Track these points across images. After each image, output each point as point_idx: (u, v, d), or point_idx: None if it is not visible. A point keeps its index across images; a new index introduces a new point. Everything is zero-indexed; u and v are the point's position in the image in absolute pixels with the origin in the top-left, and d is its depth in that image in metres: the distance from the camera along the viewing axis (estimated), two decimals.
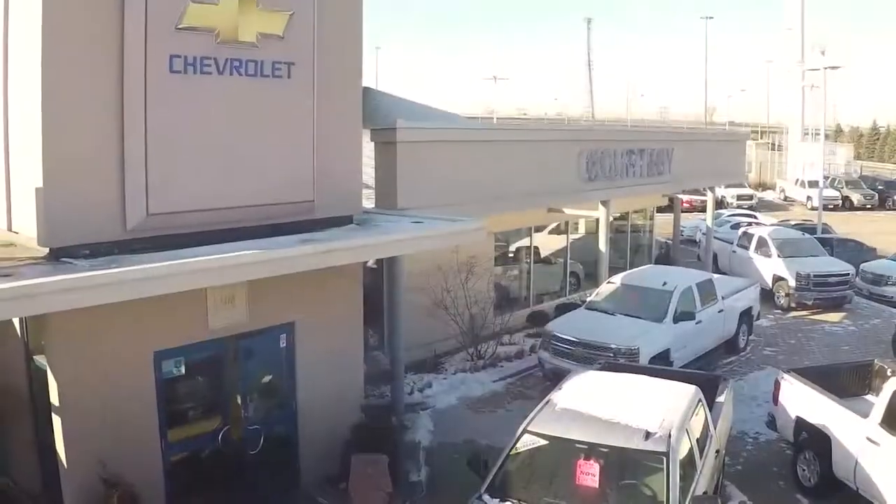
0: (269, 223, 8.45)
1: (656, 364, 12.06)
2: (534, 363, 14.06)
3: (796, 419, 10.09)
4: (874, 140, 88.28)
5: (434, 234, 9.75)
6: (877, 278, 21.03)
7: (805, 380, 10.22)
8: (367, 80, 10.25)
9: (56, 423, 7.55)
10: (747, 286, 16.69)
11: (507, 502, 7.18)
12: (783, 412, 10.39)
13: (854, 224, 35.65)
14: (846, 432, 9.20)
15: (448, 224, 9.96)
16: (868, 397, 10.38)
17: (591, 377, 9.15)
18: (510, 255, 17.84)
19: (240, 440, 8.79)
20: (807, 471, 9.84)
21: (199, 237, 7.76)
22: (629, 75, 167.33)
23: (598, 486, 7.09)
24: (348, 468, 8.99)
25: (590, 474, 7.11)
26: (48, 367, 7.55)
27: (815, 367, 12.14)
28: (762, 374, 14.13)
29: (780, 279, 19.86)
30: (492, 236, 15.50)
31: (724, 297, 15.12)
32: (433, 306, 13.76)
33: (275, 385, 9.39)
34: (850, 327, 18.09)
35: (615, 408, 7.75)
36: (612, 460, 7.23)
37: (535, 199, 15.43)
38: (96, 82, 7.22)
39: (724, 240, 23.75)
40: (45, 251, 7.12)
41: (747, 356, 15.66)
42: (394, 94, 20.40)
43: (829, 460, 9.40)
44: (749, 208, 39.86)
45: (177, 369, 8.21)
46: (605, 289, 14.86)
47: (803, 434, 10.00)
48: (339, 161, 9.25)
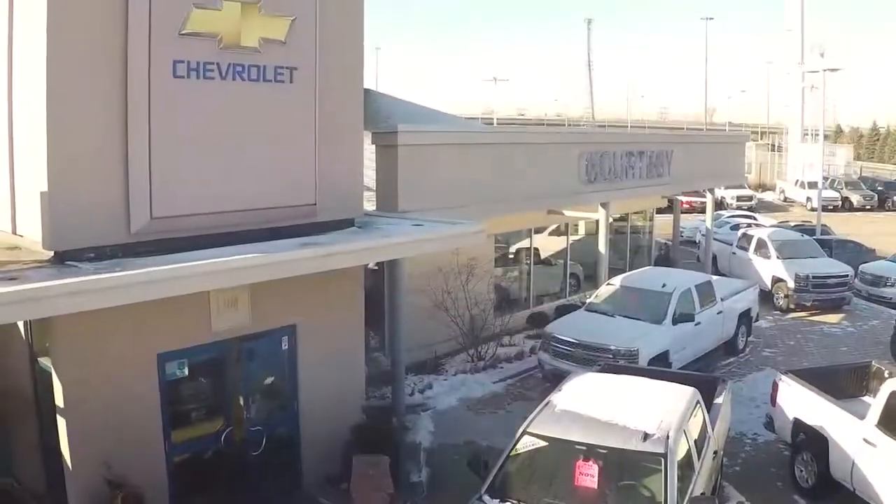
0: (271, 226, 8.51)
1: (656, 365, 12.11)
2: (534, 364, 14.11)
3: (794, 420, 10.14)
4: (874, 141, 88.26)
5: (435, 237, 9.81)
6: (876, 279, 21.05)
7: (803, 381, 10.26)
8: (367, 80, 10.28)
9: (61, 424, 7.61)
10: (746, 288, 16.74)
11: (507, 503, 7.23)
12: (781, 413, 10.44)
13: (853, 225, 35.64)
14: (843, 434, 9.25)
15: (448, 227, 10.02)
16: (866, 399, 10.40)
17: (590, 379, 9.20)
18: (510, 257, 17.87)
19: (242, 441, 8.85)
20: (804, 472, 9.89)
21: (203, 240, 7.82)
22: (629, 76, 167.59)
23: (596, 486, 7.15)
24: (350, 469, 9.04)
25: (589, 475, 7.17)
26: (53, 370, 7.60)
27: (813, 368, 12.20)
28: (761, 376, 14.17)
29: (779, 280, 19.88)
30: (492, 238, 15.53)
31: (723, 299, 15.17)
32: (434, 308, 13.79)
33: (277, 387, 9.45)
34: (848, 328, 18.11)
35: (614, 409, 7.81)
36: (610, 461, 7.28)
37: (535, 201, 15.48)
38: (100, 87, 7.27)
39: (723, 241, 23.73)
40: (49, 254, 7.18)
41: (746, 357, 15.70)
42: (394, 95, 20.44)
43: (827, 461, 9.45)
44: (749, 209, 39.88)
45: (180, 371, 8.27)
46: (604, 290, 14.91)
47: (801, 435, 10.04)
48: (341, 165, 9.33)
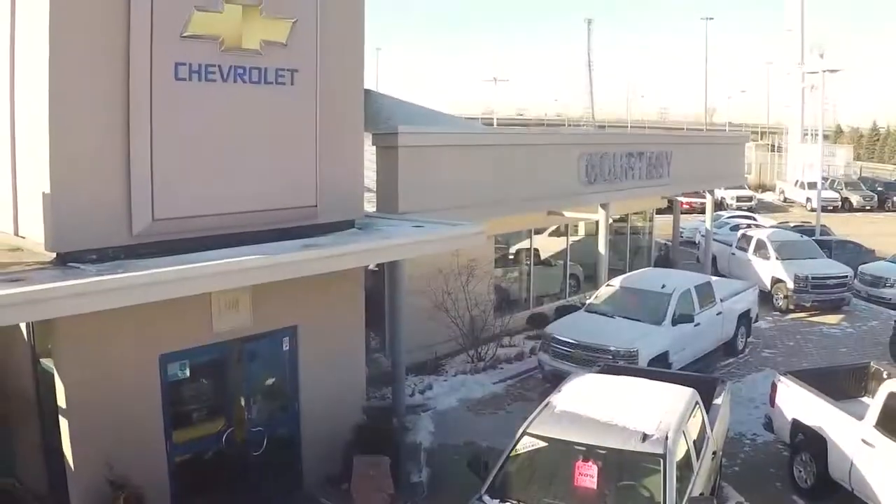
0: (272, 228, 8.54)
1: (655, 366, 12.14)
2: (534, 365, 14.14)
3: (793, 421, 10.17)
4: (874, 141, 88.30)
5: (435, 238, 9.86)
6: (875, 280, 21.08)
7: (801, 382, 10.30)
8: (367, 81, 10.32)
9: (63, 425, 7.64)
10: (746, 289, 16.77)
11: (507, 503, 7.27)
12: (780, 414, 10.47)
13: (853, 225, 35.66)
14: (841, 434, 9.28)
15: (449, 228, 10.06)
16: (864, 399, 10.44)
17: (589, 380, 9.23)
18: (510, 258, 17.89)
19: (243, 442, 8.89)
20: (803, 472, 9.93)
21: (204, 242, 7.87)
22: (629, 76, 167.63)
23: (596, 487, 7.18)
24: (350, 469, 9.08)
25: (588, 476, 7.20)
26: (55, 371, 7.64)
27: (812, 369, 12.23)
28: (760, 376, 14.18)
29: (778, 281, 19.92)
30: (492, 239, 15.56)
31: (722, 300, 15.20)
32: (434, 309, 13.83)
33: (278, 387, 9.50)
34: (847, 329, 18.14)
35: (613, 410, 7.84)
36: (610, 462, 7.32)
37: (535, 202, 15.52)
38: (102, 89, 7.32)
39: (723, 242, 23.75)
40: (52, 256, 7.22)
41: (745, 358, 15.73)
42: (394, 96, 20.46)
43: (825, 462, 9.48)
44: (748, 210, 39.94)
45: (182, 372, 8.31)
46: (604, 291, 14.94)
47: (800, 436, 10.08)
48: (342, 166, 9.37)
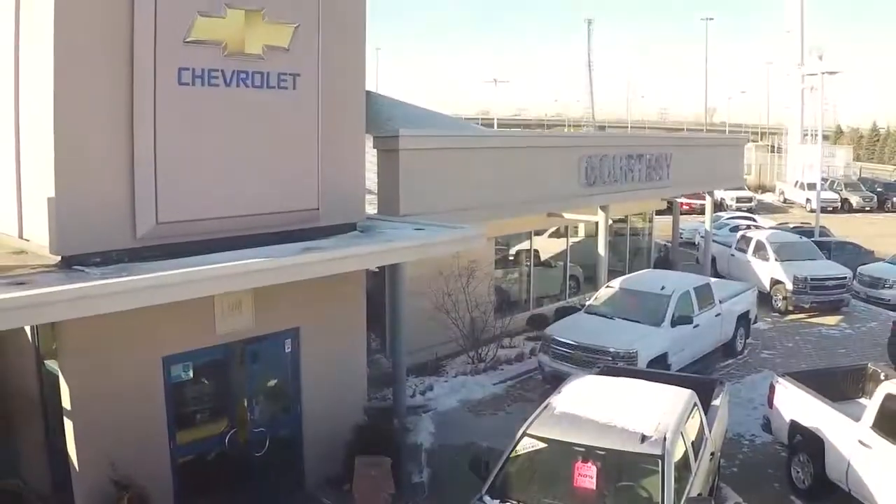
0: (274, 231, 8.61)
1: (654, 367, 12.23)
2: (534, 366, 14.20)
3: (790, 422, 10.24)
4: (874, 141, 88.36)
5: (436, 241, 9.90)
6: (874, 281, 21.15)
7: (799, 383, 10.37)
8: (367, 81, 10.35)
9: (68, 426, 7.71)
10: (745, 290, 16.82)
11: (507, 503, 7.35)
12: (778, 415, 10.54)
13: (853, 226, 35.71)
14: (839, 435, 9.36)
15: (450, 231, 10.13)
16: (862, 401, 10.50)
17: (589, 381, 9.30)
18: (510, 259, 17.95)
19: (246, 442, 8.97)
20: (801, 473, 10.00)
21: (207, 245, 7.94)
22: (629, 76, 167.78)
23: (595, 487, 7.26)
24: (352, 470, 9.12)
25: (587, 476, 7.28)
26: (60, 372, 7.71)
27: (810, 370, 12.28)
28: (759, 377, 14.24)
29: (777, 282, 19.99)
30: (492, 240, 15.62)
31: (721, 301, 15.26)
32: (434, 310, 13.89)
33: (280, 389, 9.57)
34: (846, 330, 18.20)
35: (612, 412, 7.91)
36: (609, 463, 7.39)
37: (535, 204, 15.58)
38: (107, 94, 7.39)
39: (722, 243, 23.80)
40: (56, 259, 7.28)
41: (744, 359, 15.80)
42: (394, 97, 20.54)
43: (823, 463, 9.56)
44: (748, 210, 40.01)
45: (185, 374, 8.39)
46: (603, 293, 15.01)
47: (797, 437, 10.15)
48: (344, 169, 9.45)
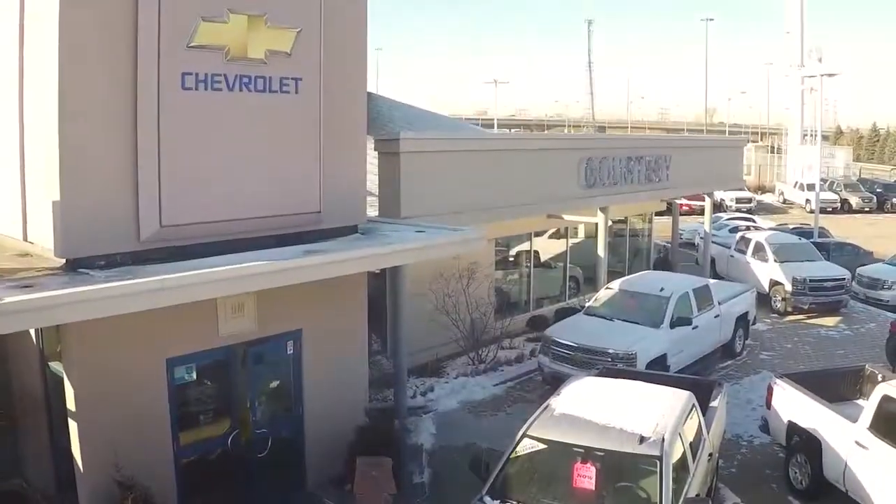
0: (277, 233, 8.69)
1: (653, 369, 12.30)
2: (534, 367, 14.26)
3: (788, 423, 10.31)
4: (874, 142, 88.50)
5: (436, 243, 9.96)
6: (873, 282, 21.20)
7: (797, 385, 10.44)
8: (367, 82, 10.44)
9: (72, 427, 7.79)
10: (744, 291, 16.89)
11: (507, 503, 7.42)
12: (776, 416, 10.61)
13: (852, 227, 35.79)
14: (836, 436, 9.43)
15: (450, 233, 10.18)
16: (859, 402, 10.55)
17: (588, 383, 9.37)
18: (510, 260, 18.02)
19: (248, 443, 9.04)
20: (798, 473, 10.07)
21: (211, 248, 8.01)
22: (629, 77, 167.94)
23: (594, 488, 7.33)
24: (353, 470, 9.18)
25: (586, 477, 7.35)
26: (65, 374, 7.79)
27: (808, 372, 12.35)
28: (757, 378, 14.31)
29: (776, 283, 20.05)
30: (492, 242, 15.69)
31: (720, 303, 15.32)
32: (435, 311, 13.97)
33: (282, 390, 9.64)
34: (845, 331, 18.26)
35: (611, 413, 7.99)
36: (607, 463, 7.46)
37: (535, 206, 15.66)
38: (111, 98, 7.46)
39: (722, 244, 23.89)
40: (61, 262, 7.36)
41: (743, 360, 15.86)
42: (394, 98, 20.59)
43: (820, 463, 9.63)
44: (748, 211, 40.11)
45: (188, 375, 8.46)
46: (603, 294, 15.08)
47: (795, 438, 10.22)
48: (345, 173, 9.52)
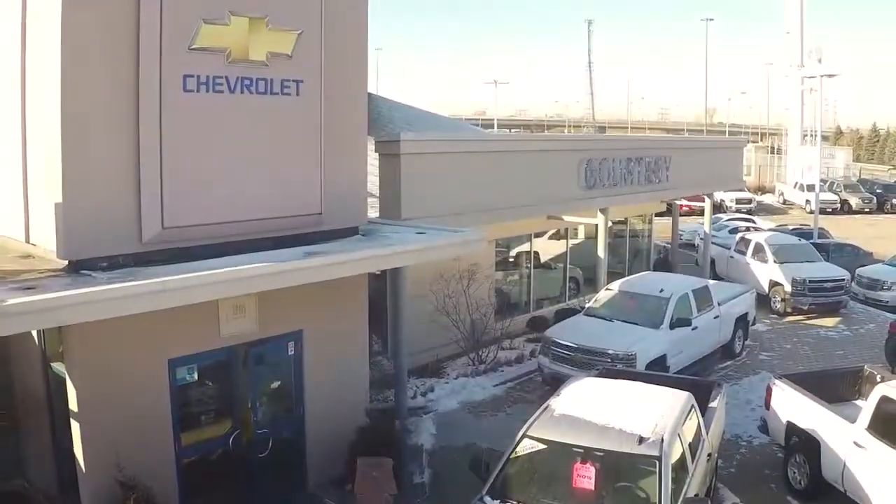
0: (278, 235, 8.74)
1: (653, 369, 12.34)
2: (534, 368, 14.29)
3: (787, 423, 10.35)
4: (874, 142, 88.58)
5: (437, 245, 9.99)
6: (872, 283, 21.24)
7: (796, 385, 10.48)
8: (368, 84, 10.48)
9: (75, 428, 7.83)
10: (743, 292, 16.92)
11: (507, 503, 7.47)
12: (774, 417, 10.66)
13: (852, 228, 35.83)
14: (834, 437, 9.47)
15: (450, 235, 10.21)
16: (858, 402, 10.58)
17: (588, 383, 9.41)
18: (511, 261, 18.06)
19: (249, 443, 9.08)
20: (797, 474, 10.11)
21: (212, 249, 8.06)
22: (630, 77, 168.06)
23: (593, 488, 7.38)
24: (354, 470, 9.21)
25: (586, 477, 7.40)
26: (67, 375, 7.84)
27: (806, 372, 12.39)
28: (757, 379, 14.36)
29: (776, 284, 20.09)
30: (493, 243, 15.72)
31: (720, 304, 15.35)
32: (435, 312, 14.01)
33: (283, 391, 9.69)
34: (844, 332, 18.29)
35: (611, 413, 8.03)
36: (607, 464, 7.51)
37: (535, 207, 15.69)
38: (113, 101, 7.51)
39: (722, 245, 23.94)
40: (63, 263, 7.40)
41: (743, 361, 15.90)
42: (394, 99, 20.61)
43: (818, 464, 9.67)
44: (748, 212, 40.19)
45: (190, 376, 8.50)
46: (603, 295, 15.12)
47: (794, 438, 10.27)
48: (346, 175, 9.56)
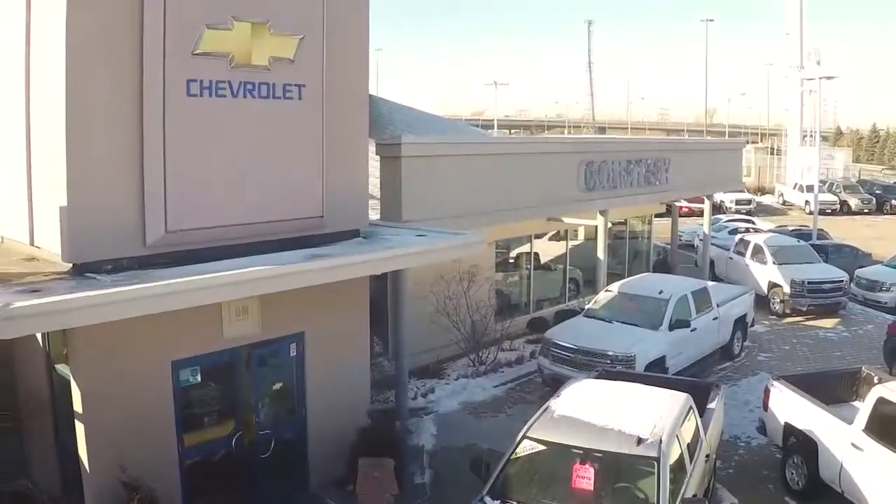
0: (280, 238, 8.82)
1: (652, 370, 12.42)
2: (533, 368, 14.36)
3: (785, 425, 10.42)
4: (874, 143, 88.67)
5: (437, 247, 10.06)
6: (871, 284, 21.30)
7: (794, 387, 10.55)
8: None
9: (79, 429, 7.91)
10: (742, 293, 16.98)
11: None
12: (772, 418, 10.73)
13: (851, 229, 35.87)
14: (832, 438, 9.54)
15: (451, 237, 10.29)
16: (855, 404, 10.64)
17: (587, 385, 9.49)
18: (511, 262, 18.13)
19: (252, 444, 9.15)
20: (795, 474, 10.18)
21: (215, 252, 8.14)
22: (630, 78, 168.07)
23: (593, 488, 7.46)
24: (355, 471, 9.28)
25: (585, 478, 7.48)
26: (71, 377, 7.91)
27: (804, 374, 12.48)
28: (755, 380, 14.43)
29: (775, 285, 20.15)
30: (493, 244, 15.79)
31: (719, 305, 15.42)
32: (436, 313, 14.08)
33: (285, 392, 9.75)
34: (843, 333, 18.36)
35: (610, 415, 8.11)
36: (606, 464, 7.58)
37: (535, 209, 15.75)
38: (117, 105, 7.58)
39: (721, 246, 23.99)
40: (68, 266, 7.48)
41: (741, 362, 15.96)
42: (394, 100, 20.66)
43: (816, 464, 9.74)
44: (747, 213, 40.26)
45: (193, 378, 8.57)
46: (602, 297, 15.18)
47: (791, 439, 10.33)
48: (347, 178, 9.64)
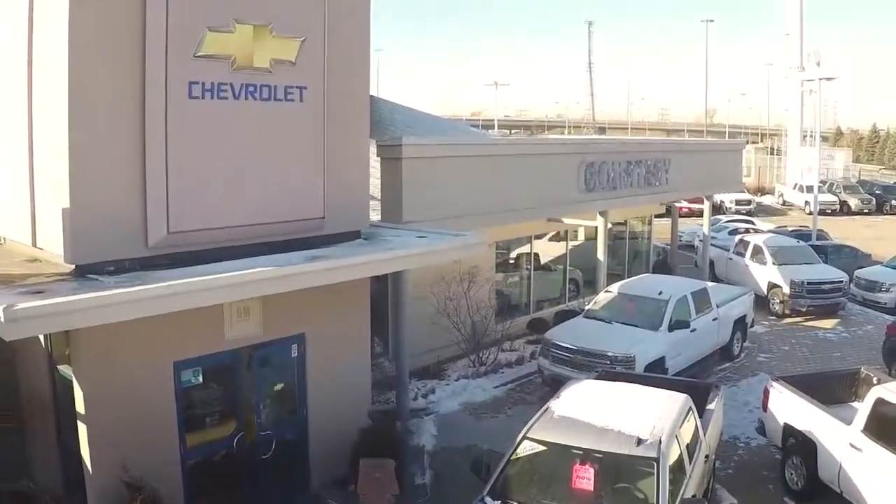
0: (281, 239, 8.86)
1: (652, 371, 12.45)
2: (534, 369, 14.39)
3: (784, 425, 10.46)
4: (874, 143, 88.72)
5: (438, 248, 10.12)
6: (870, 285, 21.33)
7: (792, 387, 10.59)
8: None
9: (81, 430, 7.95)
10: (742, 294, 17.01)
11: None
12: (772, 418, 10.76)
13: (851, 229, 35.91)
14: (831, 438, 9.58)
15: (451, 238, 10.33)
16: (854, 404, 10.67)
17: (587, 386, 9.52)
18: (511, 262, 18.17)
19: (253, 445, 9.20)
20: (794, 475, 10.21)
21: (217, 253, 8.19)
22: (630, 78, 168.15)
23: (592, 489, 7.50)
24: (356, 471, 9.32)
25: (585, 478, 7.52)
26: (74, 378, 7.95)
27: (804, 374, 12.50)
28: (755, 380, 14.47)
29: (774, 286, 20.19)
30: (493, 245, 15.84)
31: (718, 306, 15.45)
32: (436, 314, 14.12)
33: (286, 392, 9.80)
34: (842, 334, 18.40)
35: (609, 416, 8.15)
36: (606, 465, 7.62)
37: (535, 210, 15.80)
38: (120, 107, 7.63)
39: (721, 247, 24.03)
40: (70, 268, 7.52)
41: (741, 363, 16.00)
42: (395, 101, 20.69)
43: (815, 465, 9.78)
44: (747, 213, 40.29)
45: (195, 378, 8.61)
46: (602, 298, 15.22)
47: (791, 439, 10.37)
48: (349, 179, 9.68)
